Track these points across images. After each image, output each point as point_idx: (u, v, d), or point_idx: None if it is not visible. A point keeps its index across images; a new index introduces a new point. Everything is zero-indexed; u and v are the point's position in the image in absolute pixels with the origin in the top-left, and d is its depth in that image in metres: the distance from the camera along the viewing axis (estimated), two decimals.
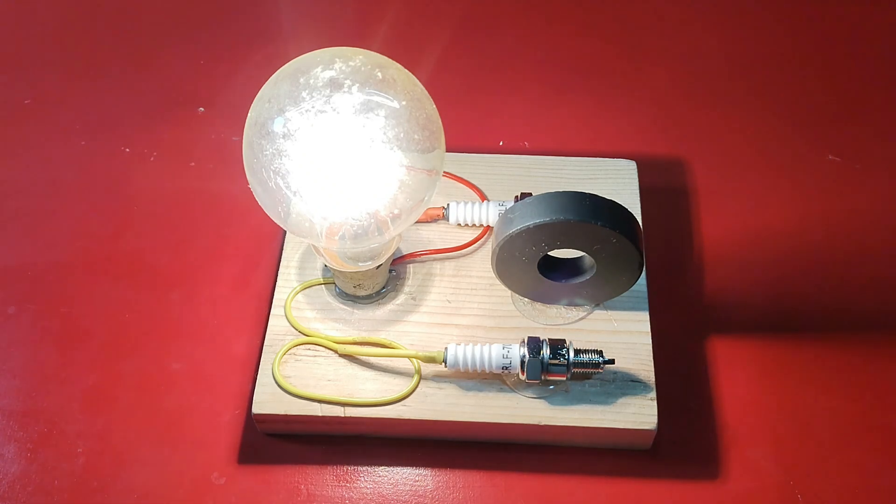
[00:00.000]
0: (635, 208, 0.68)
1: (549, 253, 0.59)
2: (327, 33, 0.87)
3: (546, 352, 0.58)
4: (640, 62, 0.83)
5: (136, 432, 0.61)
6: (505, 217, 0.58)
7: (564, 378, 0.58)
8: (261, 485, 0.59)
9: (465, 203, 0.66)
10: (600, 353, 0.58)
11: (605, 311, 0.63)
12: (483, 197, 0.69)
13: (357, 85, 0.54)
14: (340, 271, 0.62)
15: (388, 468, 0.60)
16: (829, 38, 0.85)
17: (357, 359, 0.61)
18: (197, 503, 0.59)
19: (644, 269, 0.61)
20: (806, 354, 0.64)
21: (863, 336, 0.65)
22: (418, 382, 0.60)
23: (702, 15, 0.87)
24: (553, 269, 0.61)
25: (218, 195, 0.74)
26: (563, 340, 0.58)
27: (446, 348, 0.59)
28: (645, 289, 0.63)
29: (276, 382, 0.60)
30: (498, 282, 0.62)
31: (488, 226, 0.67)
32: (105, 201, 0.74)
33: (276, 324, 0.63)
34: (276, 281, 0.65)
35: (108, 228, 0.72)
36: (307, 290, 0.64)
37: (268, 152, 0.54)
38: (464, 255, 0.66)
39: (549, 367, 0.58)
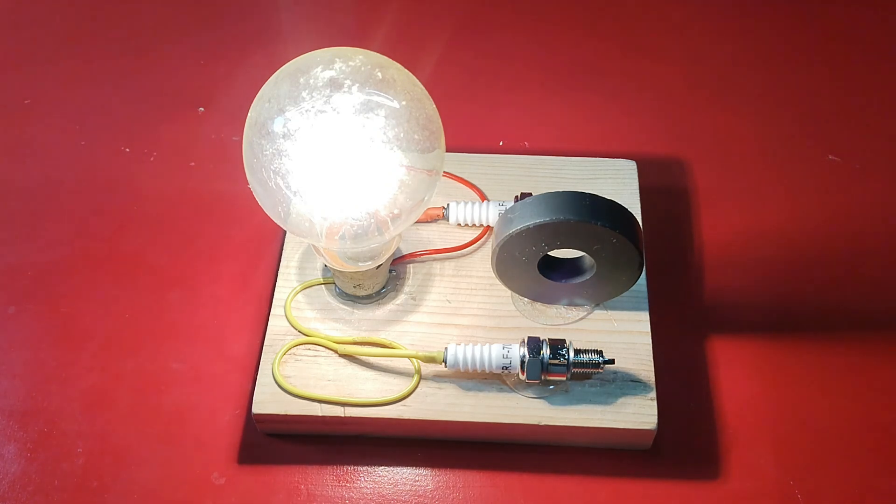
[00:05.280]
0: (635, 208, 0.67)
1: (549, 253, 0.59)
2: (327, 33, 0.87)
3: (546, 352, 0.58)
4: (641, 62, 0.83)
5: (136, 432, 0.61)
6: (505, 217, 0.58)
7: (564, 378, 0.58)
8: (261, 485, 0.59)
9: (465, 203, 0.66)
10: (600, 353, 0.58)
11: (605, 311, 0.63)
12: (483, 197, 0.69)
13: (357, 85, 0.54)
14: (340, 271, 0.62)
15: (388, 468, 0.60)
16: (830, 38, 0.85)
17: (357, 359, 0.61)
18: (197, 503, 0.59)
19: (644, 269, 0.61)
20: (806, 354, 0.64)
21: (863, 336, 0.65)
22: (418, 382, 0.60)
23: (702, 15, 0.87)
24: (553, 269, 0.61)
25: (218, 195, 0.74)
26: (563, 340, 0.58)
27: (446, 348, 0.59)
28: (645, 289, 0.63)
29: (276, 382, 0.60)
30: (498, 282, 0.62)
31: (488, 226, 0.67)
32: (105, 201, 0.74)
33: (276, 324, 0.63)
34: (276, 281, 0.65)
35: (108, 228, 0.72)
36: (307, 290, 0.64)
37: (268, 152, 0.54)
38: (464, 255, 0.66)
39: (549, 367, 0.58)
